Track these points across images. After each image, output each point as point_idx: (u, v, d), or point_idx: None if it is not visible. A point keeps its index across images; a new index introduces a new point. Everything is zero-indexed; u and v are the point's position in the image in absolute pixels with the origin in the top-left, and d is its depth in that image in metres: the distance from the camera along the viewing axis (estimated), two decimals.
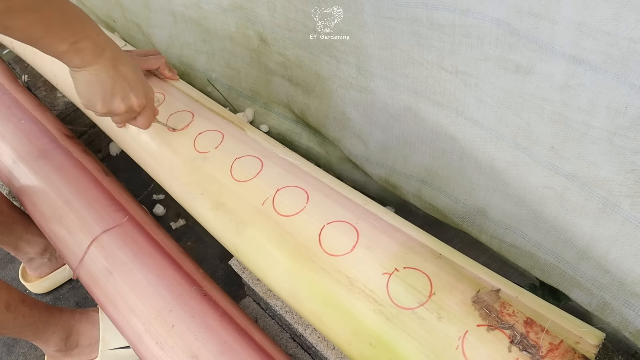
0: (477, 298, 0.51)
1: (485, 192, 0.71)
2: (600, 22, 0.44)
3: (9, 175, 1.01)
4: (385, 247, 0.58)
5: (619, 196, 0.54)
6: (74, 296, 1.14)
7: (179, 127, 0.82)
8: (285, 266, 0.62)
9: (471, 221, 0.78)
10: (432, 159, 0.76)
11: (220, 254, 1.18)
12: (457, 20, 0.57)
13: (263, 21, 0.88)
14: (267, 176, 0.71)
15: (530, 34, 0.51)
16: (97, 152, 1.41)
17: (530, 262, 0.71)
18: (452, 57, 0.61)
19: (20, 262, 1.16)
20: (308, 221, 0.64)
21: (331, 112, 0.90)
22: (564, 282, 0.68)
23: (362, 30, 0.69)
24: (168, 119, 0.83)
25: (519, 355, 0.46)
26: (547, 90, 0.53)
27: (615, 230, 0.56)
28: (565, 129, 0.54)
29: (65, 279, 1.15)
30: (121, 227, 0.85)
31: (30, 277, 1.13)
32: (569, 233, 0.62)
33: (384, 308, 0.53)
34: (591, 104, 0.50)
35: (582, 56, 0.47)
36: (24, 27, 0.55)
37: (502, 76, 0.57)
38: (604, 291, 0.62)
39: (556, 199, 0.61)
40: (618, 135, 0.49)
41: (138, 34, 1.27)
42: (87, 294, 1.11)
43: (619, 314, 0.63)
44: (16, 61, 1.42)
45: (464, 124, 0.66)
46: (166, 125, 0.81)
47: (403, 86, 0.71)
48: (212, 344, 0.68)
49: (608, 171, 0.53)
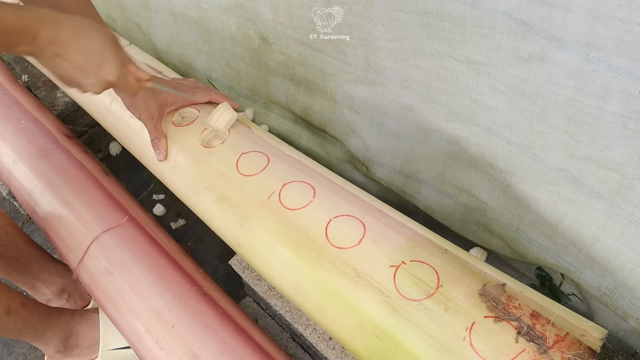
0: (484, 291, 0.52)
1: (503, 175, 0.71)
2: (613, 9, 0.45)
3: (9, 175, 1.00)
4: (392, 241, 0.59)
5: (632, 179, 0.55)
6: None
7: (184, 123, 0.82)
8: (290, 259, 0.62)
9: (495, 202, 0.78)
10: (449, 144, 0.77)
11: (220, 254, 1.18)
12: (468, 12, 0.58)
13: (265, 20, 0.88)
14: (274, 171, 0.71)
15: (542, 23, 0.52)
16: (97, 152, 1.41)
17: (546, 241, 0.71)
18: (464, 48, 0.62)
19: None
20: (315, 214, 0.64)
21: (337, 109, 0.90)
22: (576, 263, 0.68)
23: (372, 23, 0.70)
24: (174, 114, 0.83)
25: (526, 346, 0.46)
26: (561, 76, 0.54)
27: (630, 211, 0.58)
28: (580, 114, 0.55)
29: None
30: (121, 227, 0.85)
31: None
32: (583, 214, 0.63)
33: (391, 299, 0.53)
34: (605, 89, 0.51)
35: (595, 42, 0.49)
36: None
37: (515, 64, 0.58)
38: (615, 272, 0.63)
39: (572, 181, 0.62)
40: (631, 119, 0.51)
41: (138, 34, 1.27)
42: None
43: (627, 298, 0.63)
44: (16, 61, 1.42)
45: (478, 110, 0.67)
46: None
47: (414, 77, 0.72)
48: (212, 344, 0.68)
49: (622, 154, 0.54)
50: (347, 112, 0.89)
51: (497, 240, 0.82)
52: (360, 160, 0.95)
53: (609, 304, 0.66)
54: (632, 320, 0.64)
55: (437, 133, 0.77)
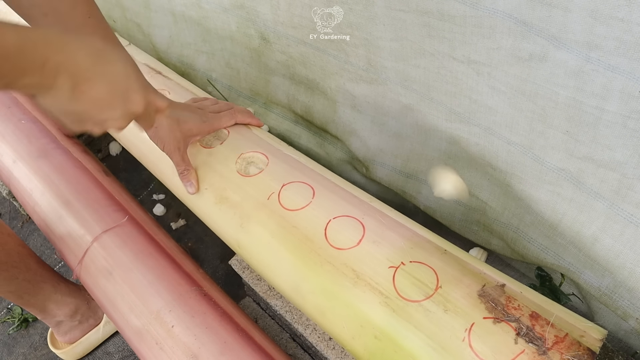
0: (483, 292, 0.52)
1: (503, 175, 0.71)
2: (613, 9, 0.45)
3: (8, 175, 1.01)
4: (391, 242, 0.59)
5: (632, 179, 0.55)
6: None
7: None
8: (290, 260, 0.62)
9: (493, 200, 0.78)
10: (449, 144, 0.77)
11: (220, 254, 1.18)
12: (469, 12, 0.58)
13: (265, 19, 0.88)
14: (273, 171, 0.71)
15: (542, 23, 0.52)
16: (97, 152, 1.41)
17: (546, 241, 0.72)
18: (464, 47, 0.62)
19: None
20: (314, 215, 0.64)
21: (339, 108, 0.90)
22: (576, 263, 0.69)
23: (373, 22, 0.70)
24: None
25: (525, 347, 0.46)
26: (561, 76, 0.54)
27: (630, 211, 0.57)
28: (580, 114, 0.55)
29: (100, 341, 1.04)
30: (121, 227, 0.85)
31: (59, 343, 1.02)
32: (583, 214, 0.63)
33: (390, 300, 0.54)
34: (605, 89, 0.51)
35: (595, 42, 0.49)
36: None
37: (515, 64, 0.58)
38: (615, 272, 0.63)
39: (572, 181, 0.62)
40: (632, 119, 0.51)
41: (138, 34, 1.27)
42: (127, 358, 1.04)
43: (627, 298, 0.63)
44: None
45: (478, 110, 0.67)
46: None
47: (415, 77, 0.72)
48: (212, 344, 0.68)
49: (622, 154, 0.54)
50: (349, 111, 0.89)
51: (497, 240, 0.82)
52: (360, 161, 0.95)
53: (609, 304, 0.66)
54: (632, 320, 0.64)
55: (437, 133, 0.77)
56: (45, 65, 0.44)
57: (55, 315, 0.96)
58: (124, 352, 1.04)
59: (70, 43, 0.47)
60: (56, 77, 0.45)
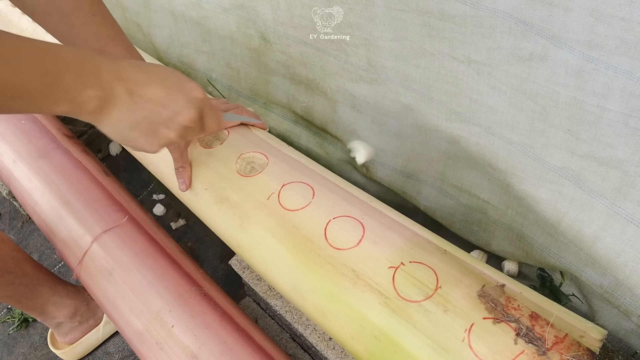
0: (483, 292, 0.52)
1: (504, 175, 0.71)
2: (614, 8, 0.46)
3: (8, 175, 1.01)
4: (391, 242, 0.59)
5: (634, 177, 0.55)
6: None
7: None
8: (290, 260, 0.62)
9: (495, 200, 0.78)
10: (449, 144, 0.77)
11: (220, 254, 1.18)
12: (469, 11, 0.58)
13: (265, 19, 0.88)
14: (273, 171, 0.71)
15: (543, 22, 0.52)
16: (97, 152, 1.41)
17: (547, 241, 0.72)
18: (464, 47, 0.62)
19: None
20: (314, 215, 0.64)
21: (339, 108, 0.90)
22: (577, 262, 0.69)
23: (373, 22, 0.70)
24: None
25: (525, 348, 0.46)
26: (562, 75, 0.54)
27: (631, 210, 0.58)
28: (581, 112, 0.55)
29: (100, 341, 1.05)
30: (121, 227, 0.85)
31: (59, 343, 1.03)
32: (584, 213, 0.63)
33: (390, 301, 0.53)
34: (606, 88, 0.51)
35: (596, 42, 0.49)
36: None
37: (515, 64, 0.58)
38: (616, 271, 0.63)
39: (573, 180, 0.62)
40: (633, 117, 0.51)
41: (138, 34, 1.27)
42: (127, 358, 1.04)
43: (629, 296, 0.63)
44: None
45: (478, 109, 0.67)
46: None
47: (415, 77, 0.72)
48: (212, 344, 0.68)
49: (624, 152, 0.54)
50: (349, 111, 0.89)
51: (497, 240, 0.82)
52: None
53: (611, 301, 0.67)
54: (635, 317, 0.65)
55: (437, 133, 0.77)
56: (100, 75, 0.46)
57: (55, 317, 0.96)
58: (124, 352, 1.04)
59: (107, 57, 0.48)
60: (113, 87, 0.47)
